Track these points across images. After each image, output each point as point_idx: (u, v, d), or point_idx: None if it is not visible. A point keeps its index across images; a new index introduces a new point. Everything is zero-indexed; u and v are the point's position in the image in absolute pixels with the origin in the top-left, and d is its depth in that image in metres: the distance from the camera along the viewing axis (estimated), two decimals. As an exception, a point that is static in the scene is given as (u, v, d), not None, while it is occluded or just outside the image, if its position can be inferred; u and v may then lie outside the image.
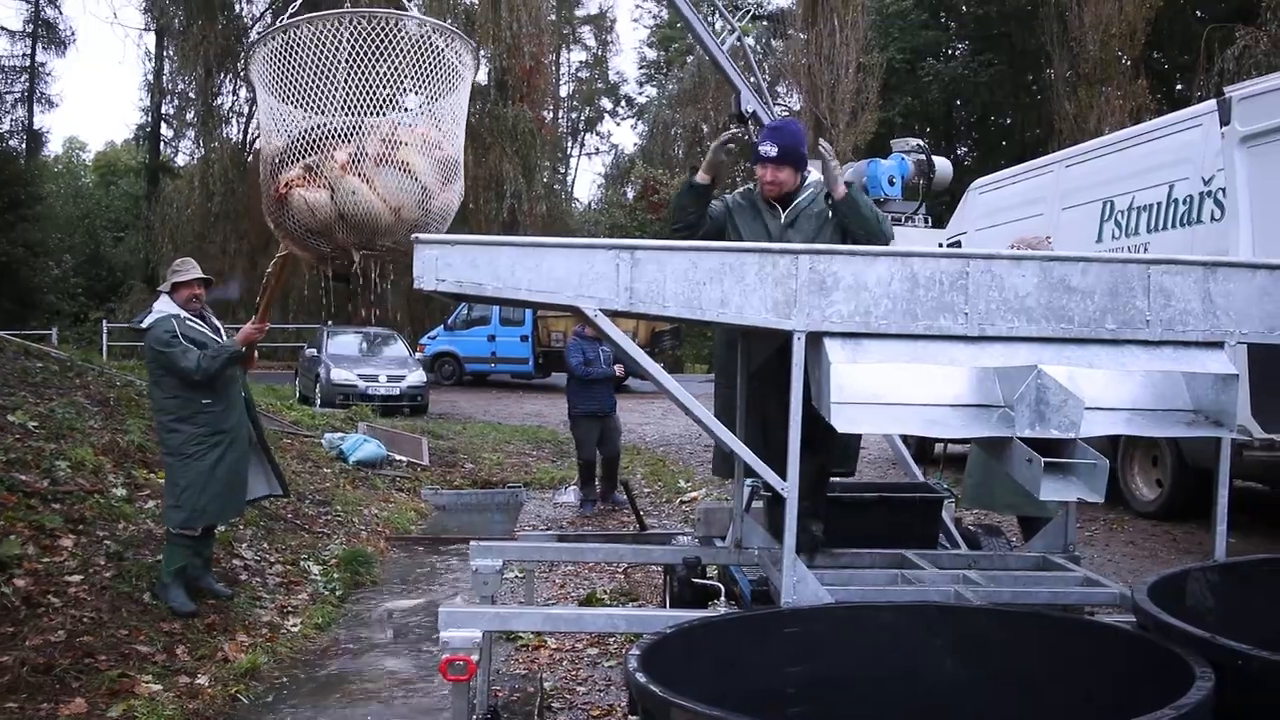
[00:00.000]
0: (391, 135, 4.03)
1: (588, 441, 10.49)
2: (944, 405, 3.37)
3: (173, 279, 6.18)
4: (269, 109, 4.14)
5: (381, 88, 4.00)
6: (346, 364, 19.65)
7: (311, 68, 3.94)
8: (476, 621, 3.52)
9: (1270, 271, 3.45)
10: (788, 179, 4.40)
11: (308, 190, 3.98)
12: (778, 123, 4.85)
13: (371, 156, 3.98)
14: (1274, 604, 3.17)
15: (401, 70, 4.00)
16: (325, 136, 3.98)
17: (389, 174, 4.02)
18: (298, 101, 4.00)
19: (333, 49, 3.92)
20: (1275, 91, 7.46)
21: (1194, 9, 30.09)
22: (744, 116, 6.61)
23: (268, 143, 4.18)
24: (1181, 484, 8.74)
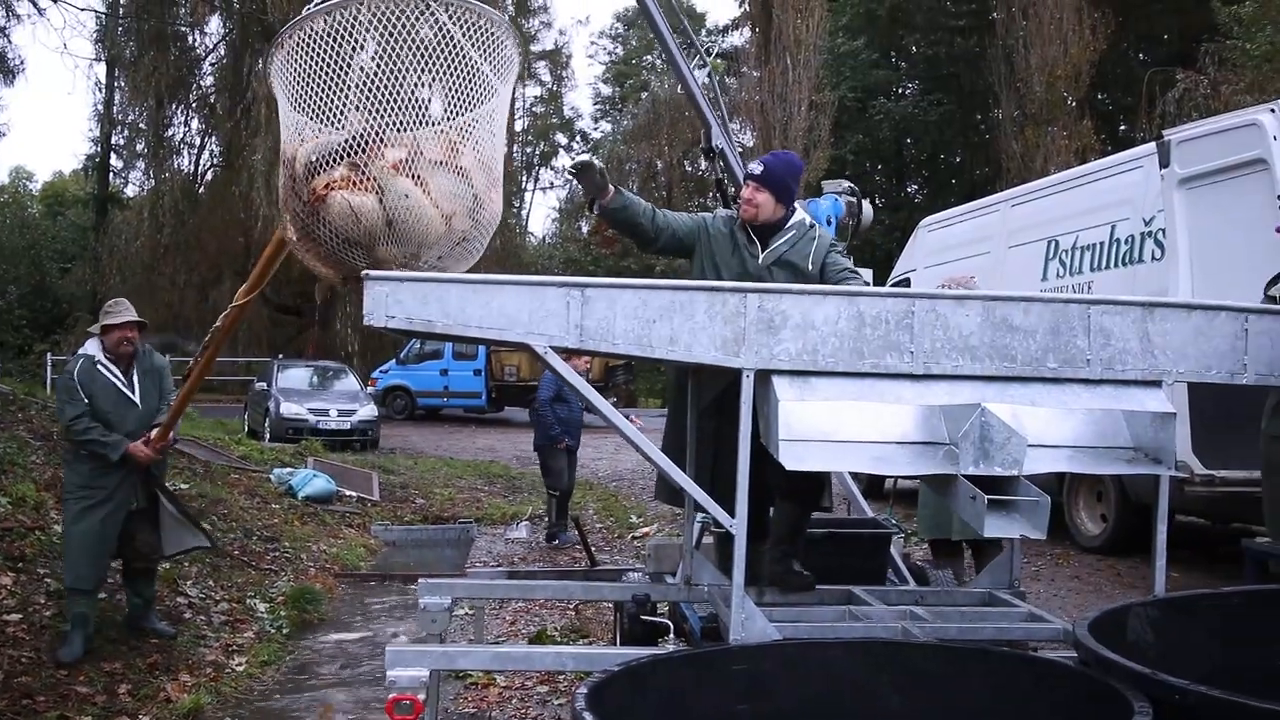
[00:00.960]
0: (448, 134, 3.61)
1: (561, 472, 10.45)
2: (891, 442, 3.42)
3: (103, 320, 5.94)
4: (302, 102, 3.62)
5: (437, 79, 3.58)
6: (296, 398, 19.45)
7: (361, 57, 3.50)
8: (423, 660, 3.50)
9: (1205, 312, 3.54)
10: (765, 204, 4.32)
11: (352, 193, 3.48)
12: (779, 151, 4.83)
13: (427, 157, 3.54)
14: (1213, 638, 3.24)
15: (458, 61, 3.57)
16: (374, 133, 3.51)
17: (444, 177, 3.59)
18: (338, 97, 3.53)
19: (389, 36, 3.47)
20: (1212, 135, 7.67)
21: (1136, 52, 30.86)
22: (712, 152, 6.63)
23: (292, 142, 3.65)
24: (1125, 519, 8.86)
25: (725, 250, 4.37)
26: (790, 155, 4.65)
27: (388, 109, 3.49)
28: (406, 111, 3.51)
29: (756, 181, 4.32)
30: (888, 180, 37.21)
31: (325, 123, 3.55)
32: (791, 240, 4.37)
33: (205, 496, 9.52)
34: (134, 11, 28.29)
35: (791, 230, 4.40)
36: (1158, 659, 2.78)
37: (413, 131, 3.52)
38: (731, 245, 4.37)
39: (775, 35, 29.36)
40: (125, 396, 5.86)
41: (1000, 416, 3.26)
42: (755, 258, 4.33)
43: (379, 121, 3.49)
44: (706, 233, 4.41)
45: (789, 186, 4.41)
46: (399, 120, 3.50)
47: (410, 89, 3.51)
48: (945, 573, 5.54)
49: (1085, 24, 25.82)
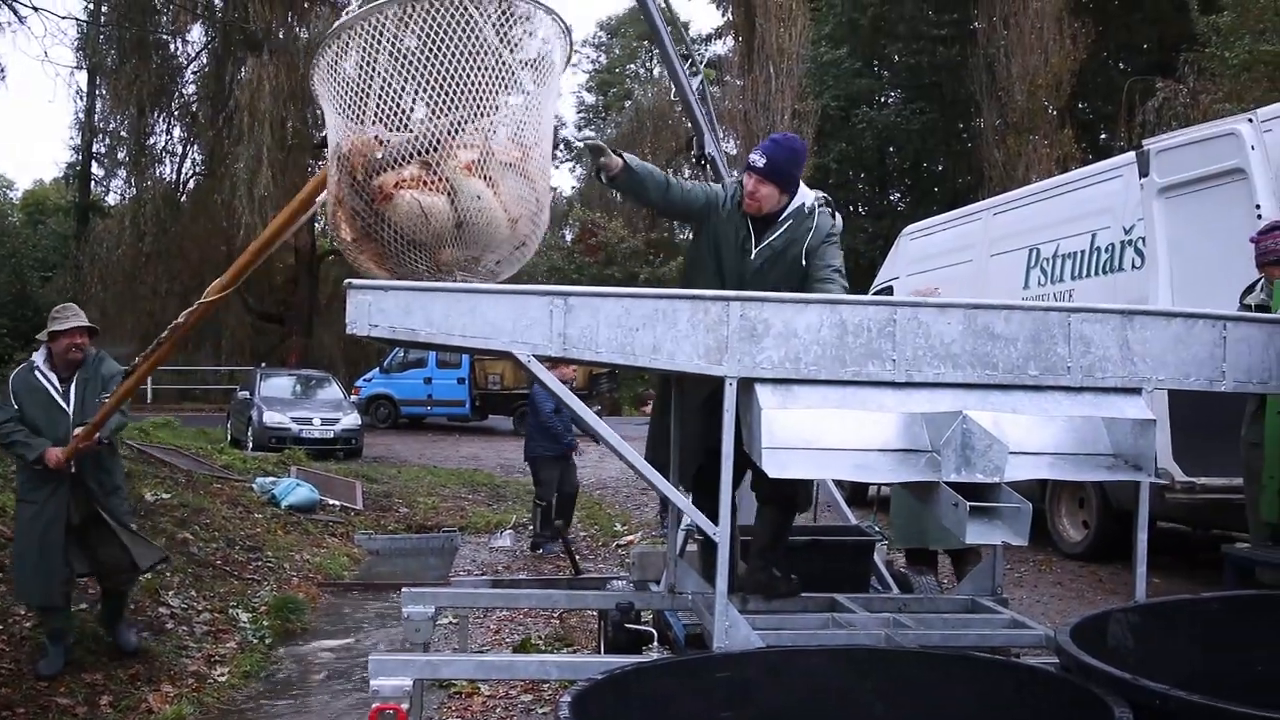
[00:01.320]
0: (518, 133, 3.49)
1: (551, 483, 10.42)
2: (873, 450, 3.43)
3: (50, 326, 5.73)
4: (360, 99, 3.47)
5: (504, 75, 3.46)
6: (279, 407, 19.38)
7: (435, 49, 3.34)
8: (407, 669, 3.49)
9: (1184, 320, 3.56)
10: (768, 197, 4.17)
11: (423, 193, 3.33)
12: (780, 136, 4.40)
13: (498, 158, 3.43)
14: (1193, 643, 3.25)
15: (522, 56, 3.48)
16: (446, 132, 3.35)
17: (513, 180, 3.48)
18: (404, 94, 3.39)
19: (462, 29, 3.35)
20: (1191, 145, 7.74)
21: (1116, 62, 31.04)
22: (703, 159, 6.65)
23: (348, 139, 3.46)
24: (1107, 526, 8.92)
25: (729, 239, 4.24)
26: (792, 140, 4.41)
27: (460, 107, 3.37)
28: (478, 111, 3.40)
29: (759, 175, 4.14)
30: (870, 189, 37.32)
31: (387, 121, 3.41)
32: (788, 232, 4.23)
33: (187, 506, 9.48)
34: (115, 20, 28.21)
35: (788, 220, 4.24)
36: (1139, 664, 2.79)
37: (485, 132, 3.41)
38: (734, 238, 4.23)
39: (758, 44, 29.49)
40: (56, 403, 5.65)
41: (982, 424, 3.27)
42: (749, 253, 4.21)
43: (452, 120, 3.36)
44: (717, 213, 4.27)
45: (793, 175, 4.23)
46: (471, 119, 3.39)
47: (480, 88, 3.39)
48: (928, 579, 5.56)
49: (1066, 33, 26.01)
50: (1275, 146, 7.15)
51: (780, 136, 4.37)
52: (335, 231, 3.61)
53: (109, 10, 29.39)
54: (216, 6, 29.16)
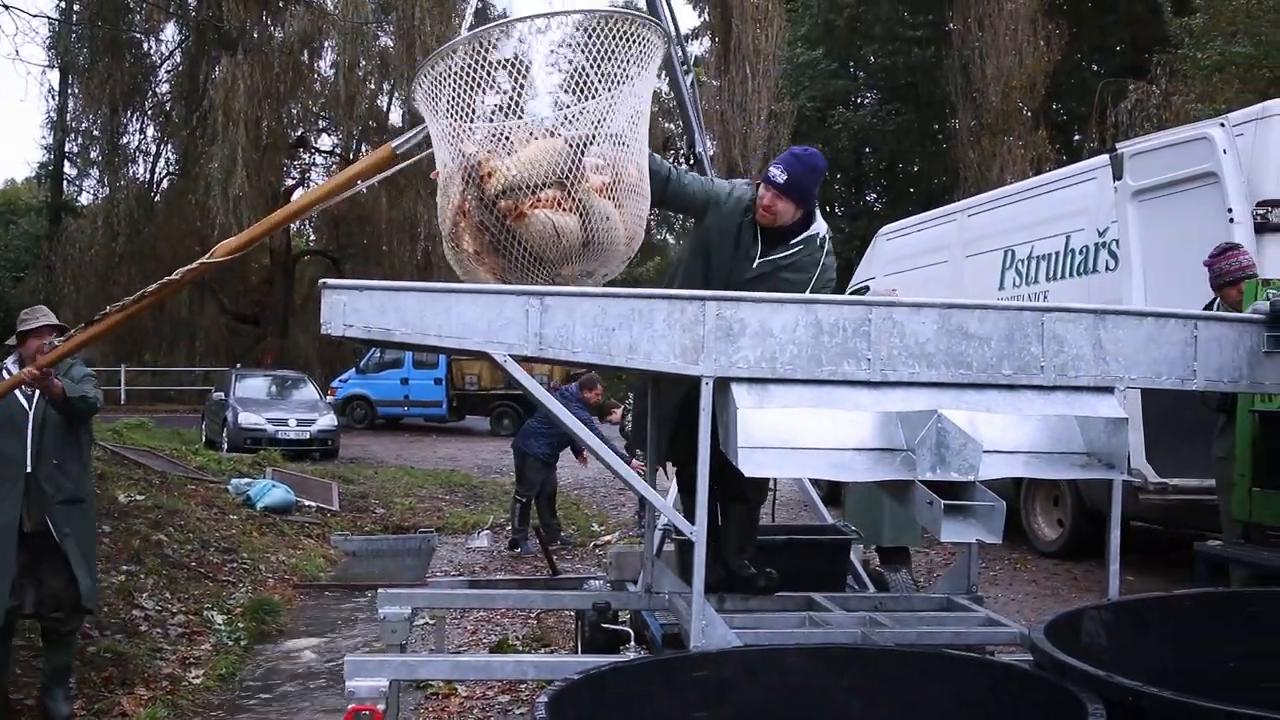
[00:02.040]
0: (639, 154, 3.61)
1: (535, 484, 10.46)
2: (848, 449, 3.44)
3: (19, 328, 5.32)
4: (505, 108, 3.61)
5: (640, 101, 3.56)
6: (255, 407, 19.28)
7: (596, 70, 3.48)
8: (383, 670, 3.48)
9: (1156, 319, 3.59)
10: (784, 212, 4.10)
11: (557, 213, 3.42)
12: (801, 151, 4.24)
13: (625, 181, 3.53)
14: (1165, 640, 3.28)
15: (649, 79, 3.57)
16: (582, 155, 3.46)
17: (634, 200, 3.58)
18: (551, 108, 3.57)
19: (601, 53, 3.48)
20: (1164, 149, 7.80)
21: (1090, 63, 31.27)
22: (691, 158, 6.64)
23: (478, 153, 3.52)
24: (1081, 524, 8.98)
25: (729, 239, 4.17)
26: (815, 157, 4.24)
27: (601, 130, 3.49)
28: (615, 136, 3.52)
29: (778, 190, 4.05)
30: (847, 189, 37.44)
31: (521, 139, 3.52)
32: (796, 255, 4.16)
33: (161, 508, 9.41)
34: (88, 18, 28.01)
35: (799, 246, 4.16)
36: (1112, 662, 2.81)
37: (615, 153, 3.51)
38: (734, 241, 4.16)
39: (735, 45, 29.53)
40: (19, 404, 5.18)
41: (956, 423, 3.29)
42: (751, 260, 4.13)
43: (588, 142, 3.47)
44: (716, 211, 4.20)
45: (811, 192, 4.16)
46: (606, 141, 3.50)
47: (621, 112, 3.51)
48: (904, 578, 5.58)
49: (1040, 35, 26.20)
50: (1247, 151, 7.21)
51: (801, 151, 4.24)
52: (453, 242, 3.62)
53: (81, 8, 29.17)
54: (190, 5, 29.05)
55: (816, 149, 4.35)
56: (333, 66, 29.35)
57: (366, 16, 27.70)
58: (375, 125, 32.64)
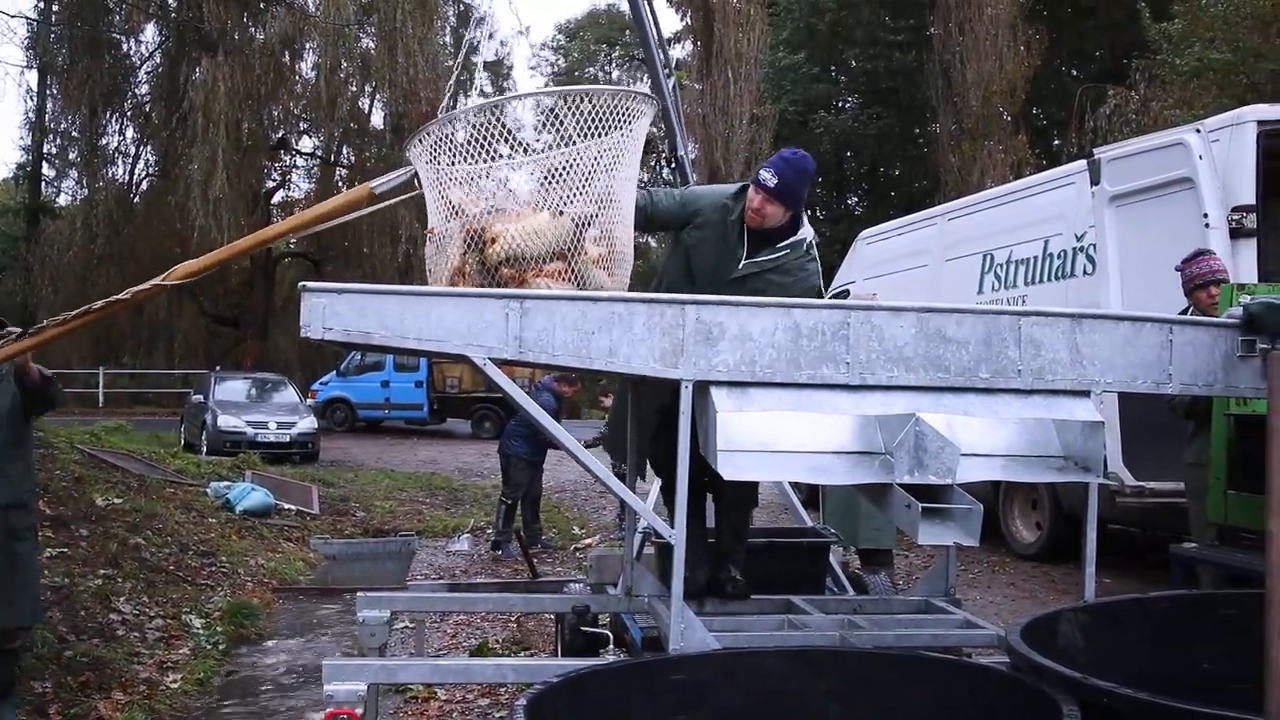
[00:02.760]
0: (629, 221, 3.76)
1: (522, 485, 10.47)
2: (827, 452, 3.45)
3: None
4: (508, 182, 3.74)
5: (631, 170, 3.71)
6: (234, 410, 19.20)
7: (598, 150, 3.60)
8: (361, 674, 3.47)
9: (1132, 323, 3.62)
10: (773, 215, 4.15)
11: (557, 283, 3.54)
12: (791, 155, 4.25)
13: (618, 250, 3.69)
14: (1141, 642, 3.31)
15: (637, 148, 3.71)
16: (583, 228, 3.60)
17: (624, 265, 3.73)
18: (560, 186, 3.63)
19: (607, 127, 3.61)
20: (1140, 154, 7.87)
21: (1069, 68, 31.47)
22: (673, 161, 6.67)
23: (482, 219, 3.62)
24: (1059, 527, 9.04)
25: (710, 246, 4.21)
26: (804, 160, 4.25)
27: (601, 203, 3.61)
28: (613, 207, 3.65)
29: (768, 194, 4.11)
30: (828, 193, 37.54)
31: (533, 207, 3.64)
32: (782, 259, 4.20)
33: (139, 511, 9.36)
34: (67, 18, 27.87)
35: (785, 250, 4.21)
36: (1088, 664, 2.84)
37: (612, 225, 3.65)
38: (719, 243, 4.20)
39: (717, 49, 29.61)
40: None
41: (934, 426, 3.31)
42: (736, 262, 4.17)
43: (589, 213, 3.60)
44: (700, 215, 4.26)
45: (801, 195, 4.21)
46: (604, 212, 3.63)
47: (615, 183, 3.64)
48: (883, 580, 5.61)
49: (1020, 40, 26.37)
50: (1222, 156, 7.28)
51: (791, 155, 4.26)
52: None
53: (60, 9, 29.03)
54: (170, 6, 28.89)
55: (806, 152, 4.36)
56: (314, 68, 29.23)
57: (348, 18, 27.61)
58: (357, 128, 32.59)
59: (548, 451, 10.63)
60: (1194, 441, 5.37)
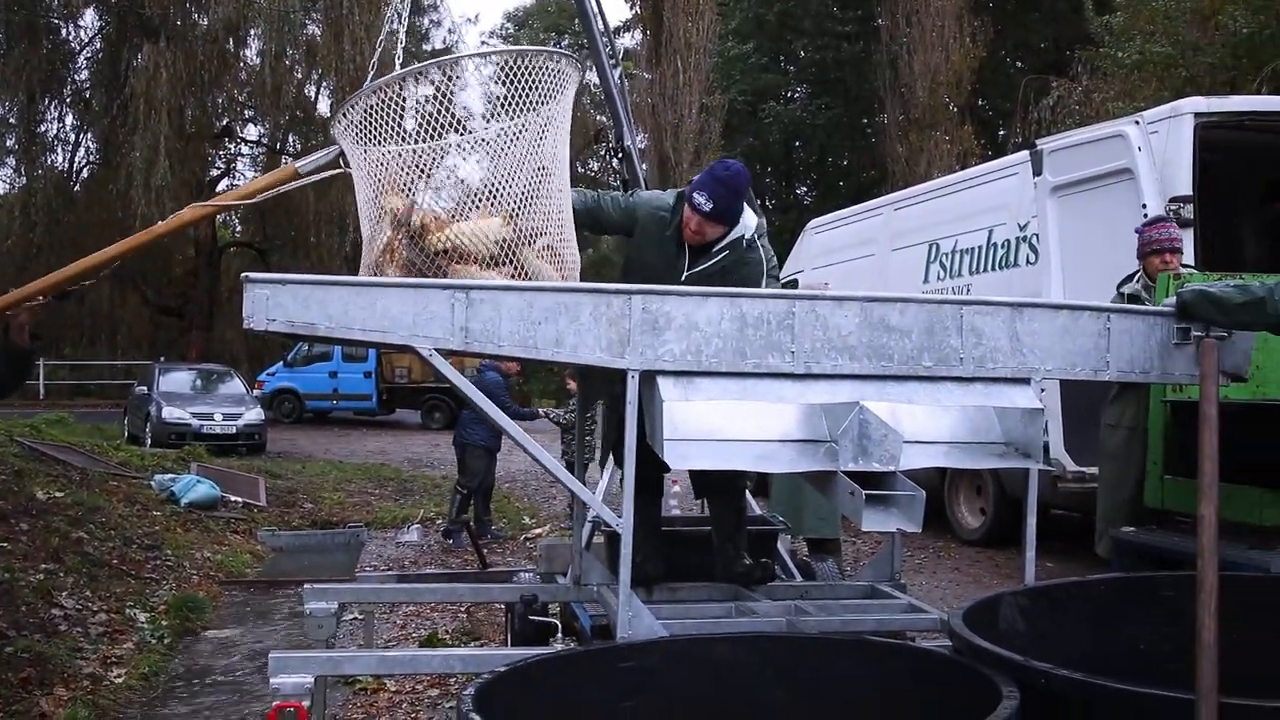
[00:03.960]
0: (566, 192, 3.71)
1: (479, 473, 10.44)
2: (773, 440, 3.48)
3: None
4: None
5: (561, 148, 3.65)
6: (179, 402, 18.95)
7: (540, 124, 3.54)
8: (308, 666, 3.45)
9: (1070, 312, 3.68)
10: (714, 233, 4.17)
11: (501, 275, 3.49)
12: (724, 172, 4.15)
13: (565, 237, 3.64)
14: (1080, 624, 3.38)
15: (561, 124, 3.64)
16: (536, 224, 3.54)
17: (571, 250, 3.68)
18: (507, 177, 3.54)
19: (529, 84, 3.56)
20: (1081, 145, 7.99)
21: (1014, 60, 31.82)
22: (620, 152, 6.66)
23: (425, 212, 3.53)
24: (1003, 513, 9.18)
25: (656, 254, 4.24)
26: (737, 176, 4.15)
27: (549, 194, 3.58)
28: (561, 193, 3.62)
29: (704, 216, 4.10)
30: (777, 182, 37.73)
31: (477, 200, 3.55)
32: (722, 262, 4.21)
33: (82, 504, 9.22)
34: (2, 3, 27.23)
35: (725, 250, 4.22)
36: (1028, 646, 2.90)
37: (558, 213, 3.62)
38: (658, 255, 4.23)
39: (666, 38, 29.54)
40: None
41: (878, 414, 3.35)
42: (679, 274, 4.18)
43: (537, 227, 3.56)
44: (638, 226, 4.30)
45: (738, 210, 4.15)
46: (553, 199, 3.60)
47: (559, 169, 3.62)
48: (830, 566, 5.67)
49: (965, 32, 26.60)
50: (1160, 148, 7.41)
51: (723, 172, 4.18)
52: (376, 270, 3.61)
53: (-5, -7, 28.36)
54: (111, -10, 28.35)
55: (739, 164, 4.31)
56: (259, 55, 28.83)
57: (293, 5, 27.27)
58: (302, 115, 32.17)
59: (503, 438, 10.59)
60: (1115, 403, 5.46)
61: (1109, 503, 5.53)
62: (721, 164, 4.26)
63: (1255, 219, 8.39)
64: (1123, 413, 5.37)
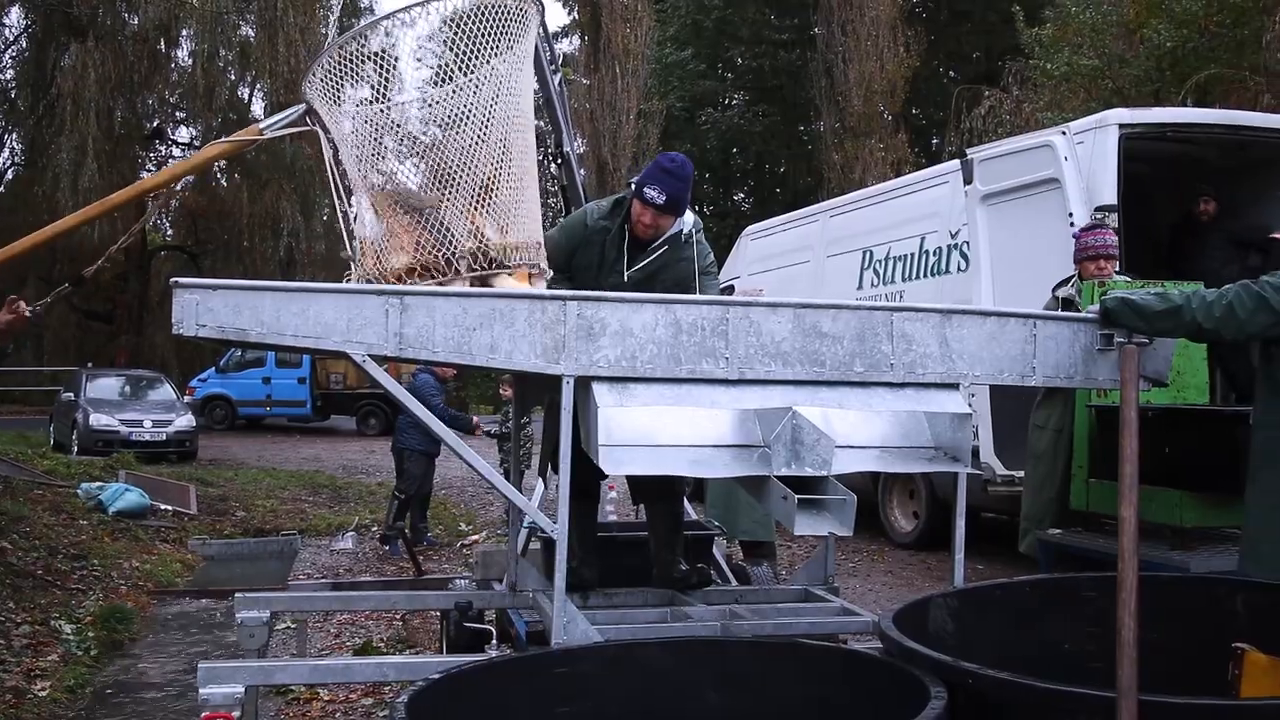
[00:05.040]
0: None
1: (416, 478, 10.34)
2: (708, 446, 3.50)
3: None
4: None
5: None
6: (107, 408, 18.57)
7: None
8: (238, 676, 3.40)
9: (997, 319, 3.75)
10: (667, 225, 4.31)
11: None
12: (670, 164, 4.32)
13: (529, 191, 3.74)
14: (1006, 625, 3.44)
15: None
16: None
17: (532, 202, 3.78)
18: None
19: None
20: (1010, 155, 8.14)
21: (947, 70, 32.33)
22: (560, 157, 6.66)
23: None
24: (935, 516, 9.31)
25: (597, 257, 4.34)
26: (682, 166, 4.33)
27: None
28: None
29: (658, 210, 4.22)
30: (715, 189, 37.91)
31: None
32: (662, 258, 4.32)
33: (5, 514, 9.00)
34: (-77, -1, 26.57)
35: (664, 246, 4.33)
36: (956, 646, 2.95)
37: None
38: (599, 259, 4.32)
39: (604, 44, 29.62)
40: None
41: (810, 419, 3.39)
42: (621, 275, 4.27)
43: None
44: (582, 238, 4.39)
45: (688, 198, 4.33)
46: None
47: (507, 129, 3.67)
48: (765, 571, 5.71)
49: (900, 41, 27.02)
50: (1086, 158, 7.57)
51: (670, 165, 4.32)
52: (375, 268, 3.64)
53: (-86, -12, 27.65)
54: (37, -12, 27.75)
55: (682, 155, 4.45)
56: (191, 56, 28.41)
57: (226, 5, 26.88)
58: (236, 118, 31.62)
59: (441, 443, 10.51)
60: (1043, 405, 5.57)
61: (1034, 502, 5.65)
62: (666, 156, 4.38)
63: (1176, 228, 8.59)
64: (1050, 415, 5.49)
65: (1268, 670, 2.77)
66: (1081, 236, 5.92)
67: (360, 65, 3.54)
